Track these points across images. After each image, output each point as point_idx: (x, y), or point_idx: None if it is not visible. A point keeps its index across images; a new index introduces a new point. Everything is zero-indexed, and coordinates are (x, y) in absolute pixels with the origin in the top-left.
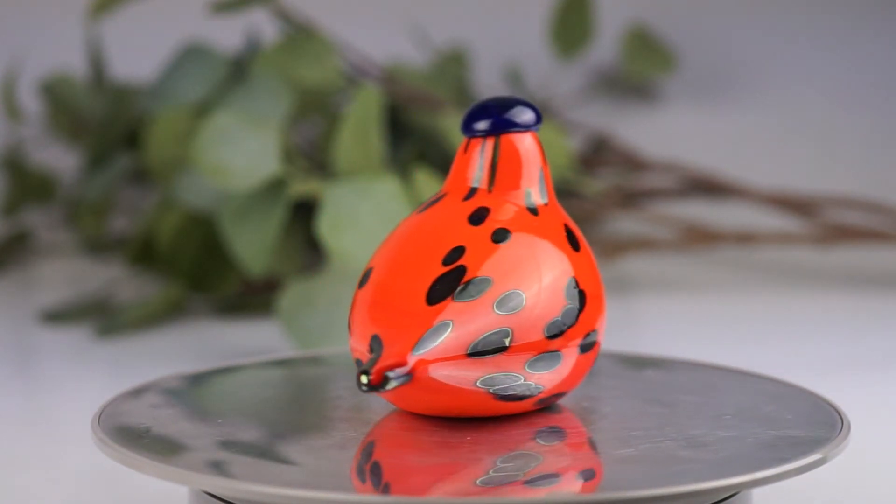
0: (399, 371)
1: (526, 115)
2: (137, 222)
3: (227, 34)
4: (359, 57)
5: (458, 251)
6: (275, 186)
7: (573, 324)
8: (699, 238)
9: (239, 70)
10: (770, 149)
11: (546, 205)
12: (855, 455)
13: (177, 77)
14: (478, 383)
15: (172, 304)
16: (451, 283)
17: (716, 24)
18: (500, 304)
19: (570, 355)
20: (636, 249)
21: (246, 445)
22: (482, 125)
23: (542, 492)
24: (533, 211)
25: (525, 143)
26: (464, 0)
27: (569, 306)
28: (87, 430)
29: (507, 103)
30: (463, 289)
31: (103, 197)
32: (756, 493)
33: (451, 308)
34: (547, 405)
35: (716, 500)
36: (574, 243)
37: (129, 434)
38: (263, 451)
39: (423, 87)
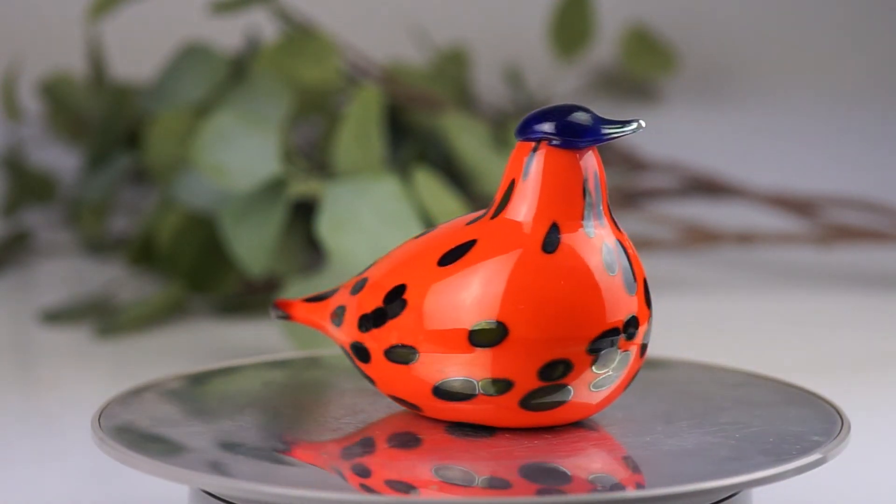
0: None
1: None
2: (137, 222)
3: (227, 34)
4: (359, 57)
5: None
6: (275, 186)
7: (379, 326)
8: (699, 238)
9: (239, 70)
10: (770, 149)
11: (495, 218)
12: (855, 455)
13: (177, 77)
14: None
15: (172, 304)
16: None
17: (716, 24)
18: (353, 287)
19: (373, 353)
20: (636, 249)
21: (246, 445)
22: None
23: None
24: (476, 220)
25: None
26: (464, 0)
27: (378, 308)
28: (87, 430)
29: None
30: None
31: (103, 197)
32: (756, 493)
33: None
34: (404, 406)
35: (716, 500)
36: (452, 258)
37: (129, 434)
38: (263, 451)
39: (423, 87)
